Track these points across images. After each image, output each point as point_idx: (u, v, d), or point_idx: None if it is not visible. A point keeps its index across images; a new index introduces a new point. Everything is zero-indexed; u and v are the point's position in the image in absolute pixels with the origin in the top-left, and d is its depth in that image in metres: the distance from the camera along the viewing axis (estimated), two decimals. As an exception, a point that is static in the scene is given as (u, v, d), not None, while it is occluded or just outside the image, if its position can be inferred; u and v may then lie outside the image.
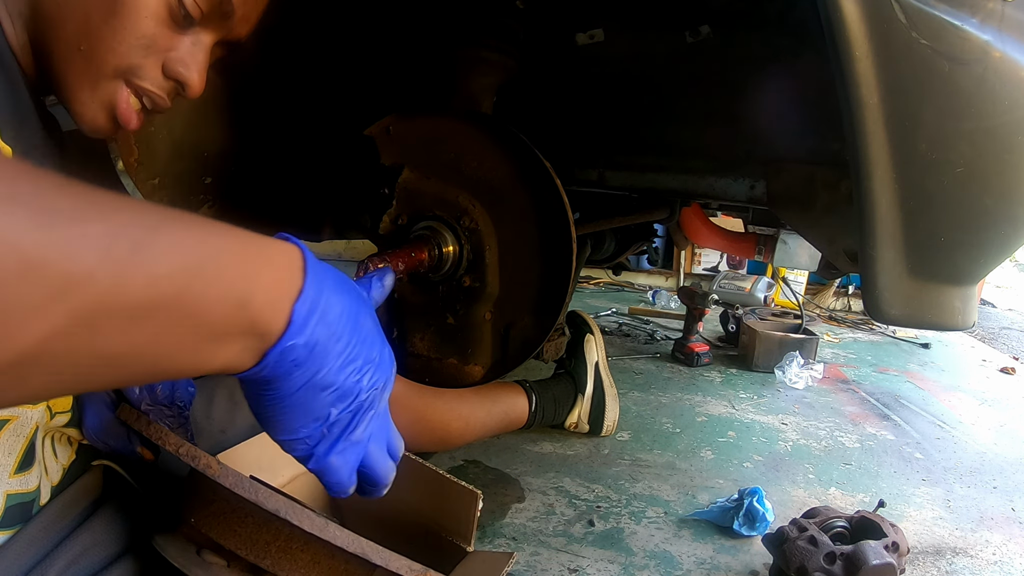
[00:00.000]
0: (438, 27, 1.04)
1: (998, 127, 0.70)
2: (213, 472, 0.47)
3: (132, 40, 0.54)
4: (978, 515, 1.36)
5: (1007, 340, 3.42)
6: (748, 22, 0.92)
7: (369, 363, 0.41)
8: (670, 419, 1.78)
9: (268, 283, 0.35)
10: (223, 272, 0.33)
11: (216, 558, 0.52)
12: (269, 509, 0.47)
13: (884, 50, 0.60)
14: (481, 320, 0.93)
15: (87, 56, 0.53)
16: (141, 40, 0.54)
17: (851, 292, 3.56)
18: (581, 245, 1.69)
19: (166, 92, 0.59)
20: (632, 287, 3.92)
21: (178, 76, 0.58)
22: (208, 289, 0.32)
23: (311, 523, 0.47)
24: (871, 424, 1.85)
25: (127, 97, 0.56)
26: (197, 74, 0.59)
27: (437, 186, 0.92)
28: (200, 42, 0.58)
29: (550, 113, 1.32)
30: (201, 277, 0.32)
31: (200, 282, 0.32)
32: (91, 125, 0.57)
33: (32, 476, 0.51)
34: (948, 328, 0.86)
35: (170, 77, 0.58)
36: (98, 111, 0.56)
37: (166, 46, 0.56)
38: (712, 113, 1.14)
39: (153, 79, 0.57)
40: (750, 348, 2.32)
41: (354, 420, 0.42)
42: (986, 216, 0.77)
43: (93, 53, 0.53)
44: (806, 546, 0.96)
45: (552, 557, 1.12)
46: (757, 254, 1.71)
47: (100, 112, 0.56)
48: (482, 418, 1.37)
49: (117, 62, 0.54)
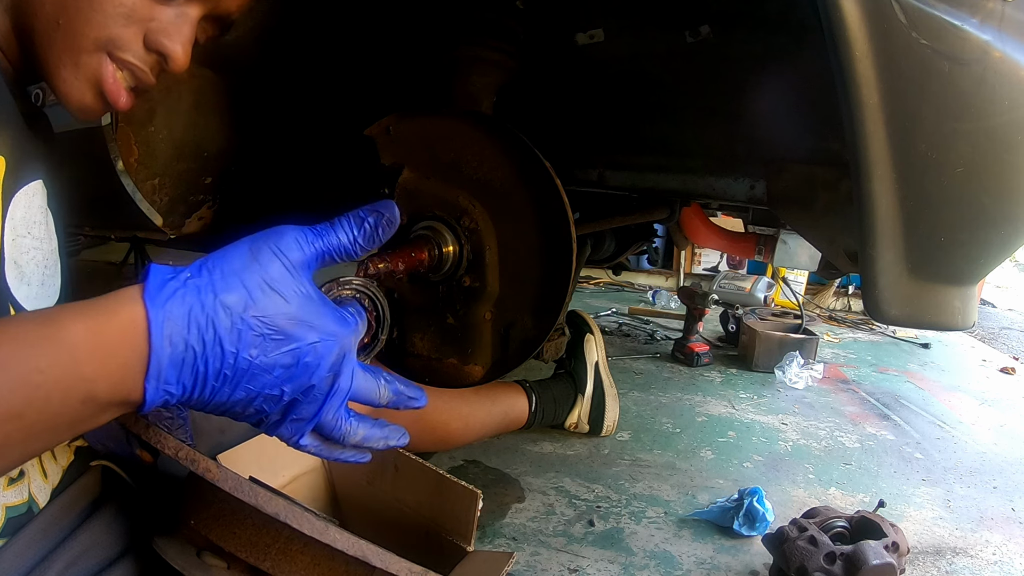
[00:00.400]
0: (438, 27, 1.03)
1: (998, 127, 0.70)
2: (212, 476, 0.47)
3: (111, 9, 0.52)
4: (978, 515, 1.36)
5: (1007, 340, 3.42)
6: (748, 22, 0.92)
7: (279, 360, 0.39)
8: (670, 419, 1.78)
9: (111, 373, 0.36)
10: (58, 384, 0.35)
11: (216, 560, 0.52)
12: (269, 512, 0.47)
13: (884, 50, 0.60)
14: (481, 320, 0.93)
15: (66, 30, 0.52)
16: (120, 9, 0.52)
17: (851, 292, 3.56)
18: (581, 245, 1.69)
19: (149, 66, 0.56)
20: (632, 287, 3.92)
21: (161, 48, 0.55)
22: (48, 404, 0.35)
23: (311, 526, 0.47)
24: (871, 424, 1.85)
25: (113, 71, 0.54)
26: (181, 46, 0.56)
27: (437, 186, 0.92)
28: (185, 14, 0.56)
29: (550, 113, 1.32)
30: (38, 395, 0.34)
31: (40, 397, 0.34)
32: (78, 104, 0.55)
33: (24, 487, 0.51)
34: (948, 328, 0.86)
35: (152, 49, 0.55)
36: (84, 89, 0.54)
37: (147, 16, 0.54)
38: (712, 113, 1.14)
39: (135, 52, 0.54)
40: (750, 348, 2.32)
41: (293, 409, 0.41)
42: (986, 216, 0.77)
43: (72, 26, 0.51)
44: (806, 546, 0.96)
45: (552, 557, 1.12)
46: (757, 254, 1.71)
47: (86, 90, 0.54)
48: (482, 418, 1.37)
49: (96, 34, 0.52)
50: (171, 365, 0.37)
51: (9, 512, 0.49)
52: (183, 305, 0.37)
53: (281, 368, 0.39)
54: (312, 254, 0.42)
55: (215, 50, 0.99)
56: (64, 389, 0.35)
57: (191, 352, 0.37)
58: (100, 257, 3.61)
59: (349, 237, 0.44)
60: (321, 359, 0.40)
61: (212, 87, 1.05)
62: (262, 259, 0.40)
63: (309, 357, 0.40)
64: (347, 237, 0.44)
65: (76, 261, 3.51)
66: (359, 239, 0.44)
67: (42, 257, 0.55)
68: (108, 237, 1.78)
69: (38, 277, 0.54)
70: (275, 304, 0.39)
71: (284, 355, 0.39)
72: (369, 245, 0.45)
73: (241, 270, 0.39)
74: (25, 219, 0.53)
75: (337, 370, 0.42)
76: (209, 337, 0.37)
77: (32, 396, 0.34)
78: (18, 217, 0.52)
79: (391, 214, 0.45)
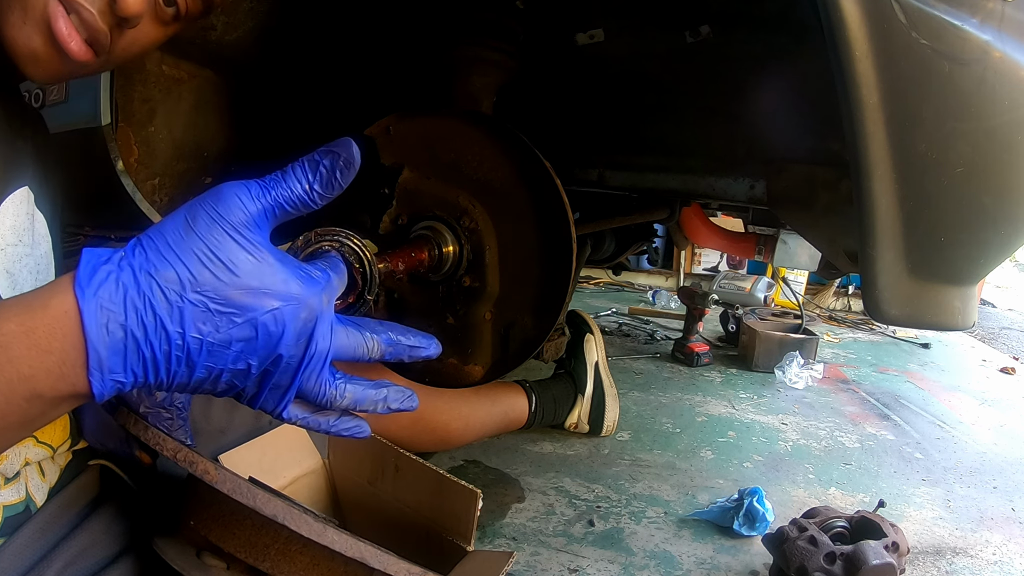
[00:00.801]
0: (438, 27, 1.03)
1: (998, 127, 0.70)
2: (211, 478, 0.47)
3: None
4: (978, 515, 1.36)
5: (1007, 340, 3.42)
6: (748, 22, 0.92)
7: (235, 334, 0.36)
8: (670, 419, 1.78)
9: (49, 369, 0.34)
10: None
11: (215, 560, 0.52)
12: (267, 514, 0.46)
13: (884, 50, 0.60)
14: (481, 320, 0.93)
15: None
16: None
17: (851, 292, 3.56)
18: (581, 245, 1.69)
19: (96, 9, 0.50)
20: (632, 287, 3.92)
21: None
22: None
23: (309, 528, 0.47)
24: (871, 424, 1.85)
25: (63, 12, 0.49)
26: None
27: (437, 186, 0.92)
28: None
29: (550, 113, 1.32)
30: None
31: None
32: (26, 51, 0.50)
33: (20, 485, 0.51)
34: (948, 328, 0.86)
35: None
36: (32, 33, 0.50)
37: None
38: (712, 113, 1.14)
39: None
40: (750, 348, 2.32)
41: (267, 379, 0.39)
42: (986, 216, 0.77)
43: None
44: (806, 546, 0.96)
45: (552, 557, 1.12)
46: (757, 254, 1.71)
47: (34, 34, 0.50)
48: (482, 418, 1.37)
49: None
50: (113, 354, 0.35)
51: (7, 511, 0.49)
52: (118, 289, 0.35)
53: (240, 342, 0.36)
54: (260, 210, 0.38)
55: (215, 50, 0.99)
56: (5, 390, 0.34)
57: (132, 338, 0.35)
58: (100, 257, 3.61)
59: (303, 185, 0.39)
60: (284, 326, 0.37)
61: (212, 87, 1.05)
62: (199, 227, 0.36)
63: (271, 326, 0.37)
64: (300, 186, 0.39)
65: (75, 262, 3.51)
66: (316, 185, 0.40)
67: (33, 263, 0.55)
68: (108, 237, 1.78)
69: (30, 284, 0.54)
70: (219, 274, 0.36)
71: (239, 328, 0.36)
72: (328, 192, 0.40)
73: (178, 242, 0.36)
74: (15, 227, 0.53)
75: (309, 333, 0.38)
76: (149, 320, 0.35)
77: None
78: (7, 226, 0.52)
79: (348, 154, 0.40)
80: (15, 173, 0.53)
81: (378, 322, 0.43)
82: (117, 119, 0.92)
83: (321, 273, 0.40)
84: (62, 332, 0.34)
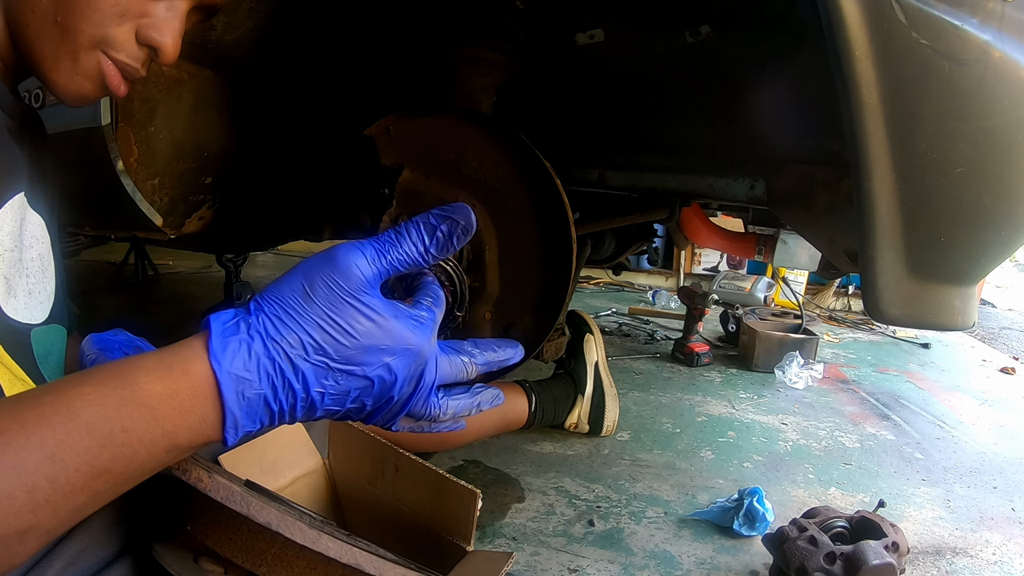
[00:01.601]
0: (438, 27, 1.03)
1: (998, 127, 0.70)
2: (204, 486, 0.47)
3: (106, 8, 0.54)
4: (978, 515, 1.36)
5: (1007, 340, 3.42)
6: (748, 22, 0.92)
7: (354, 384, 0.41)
8: (670, 419, 1.78)
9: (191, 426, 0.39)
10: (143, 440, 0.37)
11: (213, 566, 0.52)
12: (260, 522, 0.46)
13: (884, 50, 0.60)
14: (481, 320, 0.93)
15: (63, 28, 0.53)
16: (115, 8, 0.54)
17: (851, 292, 3.56)
18: (581, 245, 1.69)
19: (140, 62, 0.58)
20: (632, 287, 3.92)
21: (151, 42, 0.57)
22: (134, 458, 0.37)
23: (303, 535, 0.47)
24: (871, 424, 1.85)
25: (114, 69, 0.57)
26: (171, 39, 0.58)
27: (437, 186, 0.92)
28: (175, 7, 0.58)
29: (550, 113, 1.32)
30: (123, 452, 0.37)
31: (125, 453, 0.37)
32: (77, 95, 0.57)
33: None
34: (948, 328, 0.86)
35: (144, 43, 0.57)
36: (82, 82, 0.56)
37: (140, 11, 0.56)
38: (712, 113, 1.14)
39: (128, 51, 0.57)
40: (750, 348, 2.32)
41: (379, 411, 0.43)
42: (986, 216, 0.77)
43: (68, 23, 0.53)
44: (806, 546, 0.96)
45: (552, 557, 1.11)
46: (757, 254, 1.71)
47: (85, 82, 0.56)
48: (482, 418, 1.37)
49: (93, 31, 0.54)
50: (246, 415, 0.39)
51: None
52: (250, 359, 0.38)
53: (358, 390, 0.41)
54: (376, 274, 0.41)
55: (215, 50, 0.99)
56: (149, 443, 0.37)
57: (262, 399, 0.39)
58: (100, 257, 3.61)
59: (419, 248, 0.42)
60: (397, 374, 0.41)
61: (212, 87, 1.05)
62: (319, 296, 0.39)
63: (386, 376, 0.41)
64: (416, 249, 0.42)
65: (76, 261, 3.51)
66: (432, 249, 0.42)
67: (31, 267, 0.56)
68: (108, 237, 1.78)
69: (25, 288, 0.56)
70: (339, 338, 0.39)
71: (358, 379, 0.40)
72: (442, 255, 0.43)
73: (299, 310, 0.39)
74: (12, 234, 0.54)
75: (419, 374, 0.42)
76: (279, 383, 0.39)
77: (118, 453, 0.36)
78: (5, 232, 0.53)
79: (467, 221, 0.42)
80: (11, 180, 0.55)
81: (471, 342, 0.47)
82: (117, 119, 0.92)
83: (428, 314, 0.43)
84: (203, 396, 0.38)
